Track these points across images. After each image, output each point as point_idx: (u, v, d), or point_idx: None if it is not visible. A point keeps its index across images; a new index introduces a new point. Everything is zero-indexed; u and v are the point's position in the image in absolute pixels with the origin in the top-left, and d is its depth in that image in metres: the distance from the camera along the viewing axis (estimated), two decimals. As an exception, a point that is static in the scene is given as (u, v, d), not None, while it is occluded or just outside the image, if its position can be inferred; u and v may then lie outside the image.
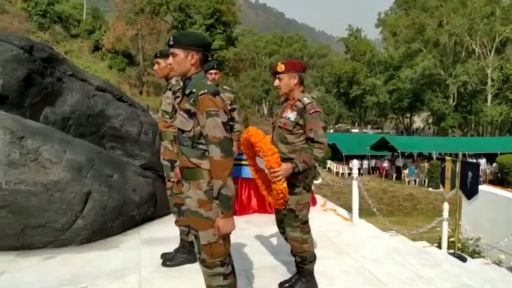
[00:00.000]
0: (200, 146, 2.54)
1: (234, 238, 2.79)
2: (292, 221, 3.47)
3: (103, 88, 6.03)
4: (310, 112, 3.31)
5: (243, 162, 5.80)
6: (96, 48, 45.86)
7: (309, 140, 3.34)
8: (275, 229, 5.30)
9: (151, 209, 5.68)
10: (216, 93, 2.52)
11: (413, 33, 45.15)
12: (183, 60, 2.58)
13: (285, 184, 3.26)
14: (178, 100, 3.96)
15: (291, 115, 3.38)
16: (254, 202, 6.04)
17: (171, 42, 2.60)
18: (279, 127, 3.47)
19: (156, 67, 4.21)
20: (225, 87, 5.47)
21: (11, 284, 3.83)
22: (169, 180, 4.22)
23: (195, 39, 2.62)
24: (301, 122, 3.37)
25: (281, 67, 3.42)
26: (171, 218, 4.97)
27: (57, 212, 4.61)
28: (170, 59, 2.62)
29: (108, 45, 43.93)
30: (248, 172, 5.86)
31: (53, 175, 4.64)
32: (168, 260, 4.20)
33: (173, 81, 4.12)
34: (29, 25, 39.72)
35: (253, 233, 5.13)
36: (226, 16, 44.95)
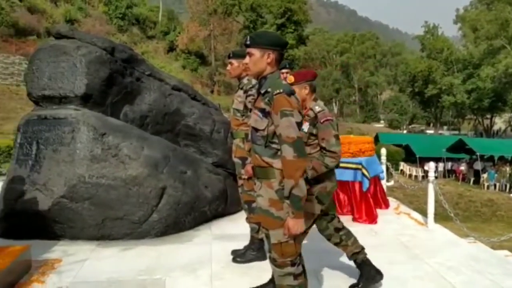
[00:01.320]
0: (273, 145, 2.54)
1: (302, 237, 2.77)
2: None
3: (179, 88, 6.24)
4: (322, 121, 3.31)
5: (314, 162, 5.76)
6: (171, 48, 47.57)
7: (322, 149, 3.30)
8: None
9: (222, 206, 5.80)
10: (291, 93, 2.52)
11: (496, 28, 42.46)
12: (259, 59, 2.60)
13: None
14: (249, 98, 4.02)
15: (304, 126, 3.32)
16: (324, 202, 5.97)
17: (248, 42, 2.63)
18: None
19: (229, 67, 4.28)
20: None
21: (93, 270, 4.09)
22: (240, 178, 4.28)
23: (271, 39, 2.64)
24: (314, 131, 3.34)
25: (290, 79, 3.42)
26: (242, 215, 5.05)
27: (134, 205, 4.84)
28: (247, 59, 2.65)
29: (182, 45, 45.41)
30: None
31: (131, 170, 4.88)
32: (238, 256, 4.26)
33: (245, 81, 4.17)
34: (109, 27, 42.01)
35: (322, 234, 5.06)
36: (297, 15, 44.83)
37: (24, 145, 5.00)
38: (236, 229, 5.16)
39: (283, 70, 4.89)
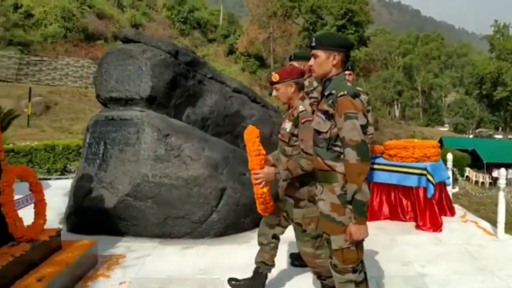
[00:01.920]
0: (336, 148, 2.49)
1: (364, 244, 2.69)
2: (301, 236, 3.29)
3: (239, 90, 6.30)
4: (302, 121, 3.10)
5: (375, 166, 5.61)
6: (230, 51, 48.22)
7: (301, 151, 3.09)
8: (408, 238, 5.09)
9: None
10: (356, 95, 2.46)
11: None
12: (324, 61, 2.56)
13: (265, 189, 3.11)
14: (310, 101, 3.98)
15: (287, 125, 3.22)
16: (386, 208, 5.80)
17: (313, 44, 2.59)
18: (280, 139, 3.32)
19: None
20: (359, 88, 5.34)
21: (155, 267, 4.22)
22: None
23: (337, 40, 2.59)
24: (296, 132, 3.16)
25: (275, 77, 3.23)
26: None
27: (195, 205, 4.93)
28: (311, 61, 2.61)
29: (242, 48, 45.89)
30: (380, 176, 5.67)
31: (193, 171, 4.98)
32: (297, 260, 4.22)
33: (306, 83, 4.13)
34: (172, 31, 43.23)
35: (384, 241, 4.92)
36: (359, 16, 43.98)
37: (93, 145, 5.24)
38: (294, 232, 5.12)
39: (345, 72, 4.81)
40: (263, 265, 3.57)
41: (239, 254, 4.52)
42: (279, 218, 3.47)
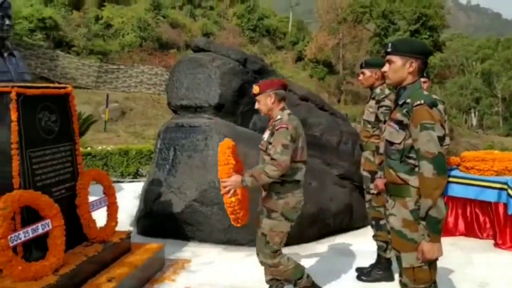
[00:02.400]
0: (410, 161, 2.35)
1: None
2: (263, 247, 3.21)
3: (306, 98, 6.22)
4: (276, 128, 3.12)
5: (451, 179, 5.30)
6: (299, 58, 48.19)
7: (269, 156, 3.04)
8: (485, 257, 4.76)
9: (347, 220, 5.62)
10: (433, 105, 2.31)
11: None
12: (400, 68, 2.44)
13: (233, 199, 3.04)
14: (382, 109, 3.83)
15: (266, 134, 3.28)
16: (461, 223, 5.45)
17: (389, 49, 2.47)
18: (260, 148, 3.29)
19: (360, 77, 4.13)
20: (435, 96, 5.08)
21: (219, 273, 4.26)
22: (368, 192, 4.10)
23: (415, 46, 2.45)
24: (271, 140, 3.11)
25: (256, 89, 3.27)
26: (367, 230, 4.85)
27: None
28: (386, 67, 2.49)
29: (310, 55, 45.70)
30: (456, 189, 5.35)
31: (258, 179, 4.95)
32: (364, 275, 4.07)
33: (377, 90, 3.99)
34: (241, 39, 43.94)
35: (458, 259, 4.62)
36: (433, 20, 42.31)
37: (163, 150, 5.39)
38: (360, 245, 4.97)
39: (421, 79, 4.60)
40: (275, 281, 3.51)
41: (303, 264, 4.42)
42: None
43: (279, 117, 3.21)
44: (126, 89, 27.11)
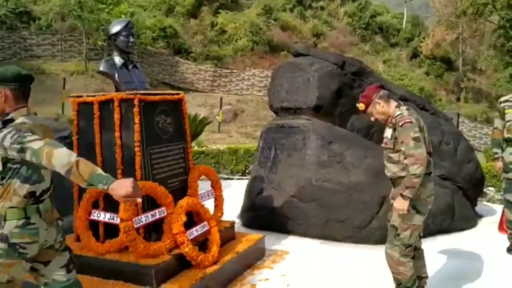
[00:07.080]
0: None
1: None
2: (392, 238, 3.19)
3: (406, 98, 6.22)
4: (400, 124, 3.20)
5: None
6: (414, 55, 46.09)
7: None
8: None
9: (448, 221, 5.53)
10: None
11: None
12: None
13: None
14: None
15: (387, 133, 3.38)
16: None
17: None
18: (384, 147, 3.45)
19: None
20: None
21: (315, 266, 4.52)
22: None
23: None
24: (396, 136, 3.29)
25: (361, 106, 3.41)
26: (469, 233, 4.78)
27: (355, 210, 5.10)
28: None
29: (426, 51, 43.42)
30: None
31: (353, 177, 5.16)
32: None
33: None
34: (352, 38, 43.20)
35: None
36: None
37: (265, 149, 5.82)
38: (462, 247, 4.91)
39: None
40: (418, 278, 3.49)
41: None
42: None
43: (398, 112, 3.23)
44: (238, 92, 28.39)
